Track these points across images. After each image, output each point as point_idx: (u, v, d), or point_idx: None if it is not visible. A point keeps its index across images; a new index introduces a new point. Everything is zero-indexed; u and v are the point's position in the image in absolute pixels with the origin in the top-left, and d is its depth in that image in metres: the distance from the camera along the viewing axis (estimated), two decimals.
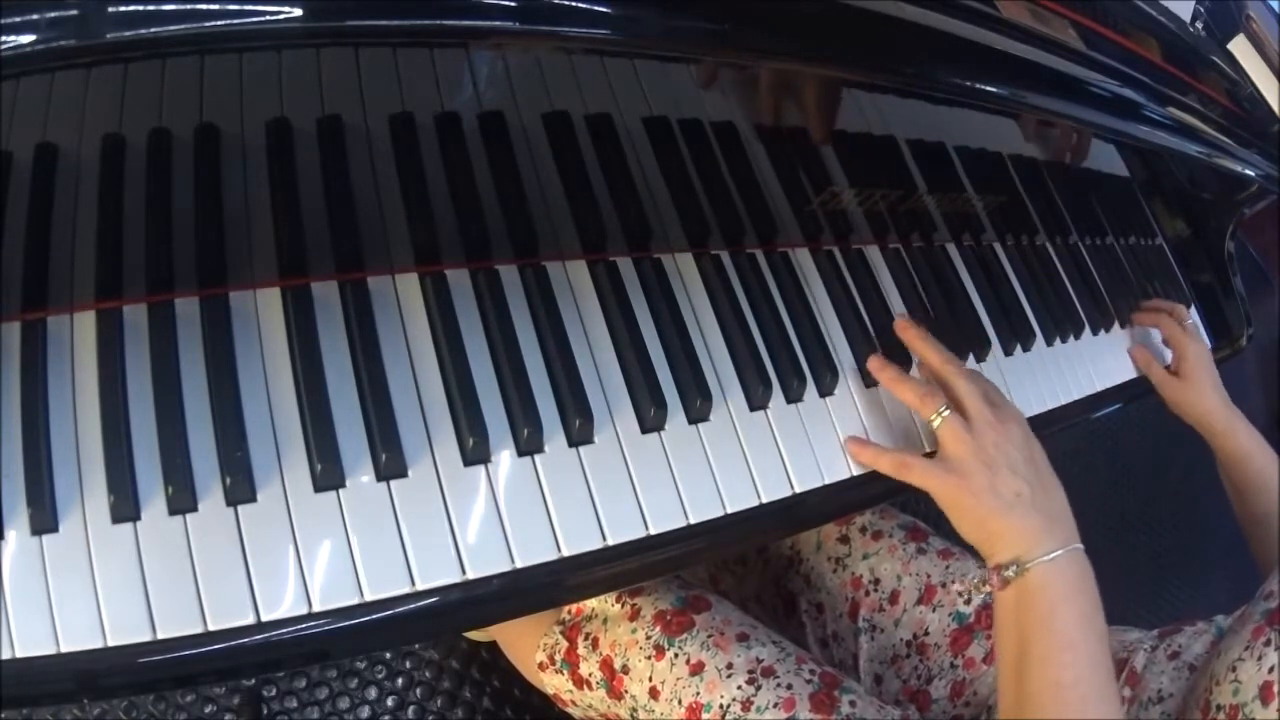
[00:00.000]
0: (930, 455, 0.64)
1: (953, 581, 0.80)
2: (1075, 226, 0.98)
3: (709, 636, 0.69)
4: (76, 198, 0.46)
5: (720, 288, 0.63)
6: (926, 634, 0.79)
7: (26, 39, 0.32)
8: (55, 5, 0.32)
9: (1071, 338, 0.89)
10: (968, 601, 0.79)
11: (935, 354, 0.65)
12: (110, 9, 0.33)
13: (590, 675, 0.72)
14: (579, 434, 0.54)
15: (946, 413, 0.61)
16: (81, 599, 0.42)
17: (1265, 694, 0.57)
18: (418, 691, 1.09)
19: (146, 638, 0.42)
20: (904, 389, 0.64)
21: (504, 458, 0.52)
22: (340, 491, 0.48)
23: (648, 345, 0.58)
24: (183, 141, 0.48)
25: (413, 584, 0.47)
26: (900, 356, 0.70)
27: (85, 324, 0.46)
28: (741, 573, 0.94)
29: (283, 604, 0.44)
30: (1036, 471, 0.59)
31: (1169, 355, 0.96)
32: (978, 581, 0.59)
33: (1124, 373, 0.94)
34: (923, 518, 0.88)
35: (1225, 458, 0.88)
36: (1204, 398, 0.89)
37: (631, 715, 0.71)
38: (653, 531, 0.54)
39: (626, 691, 0.70)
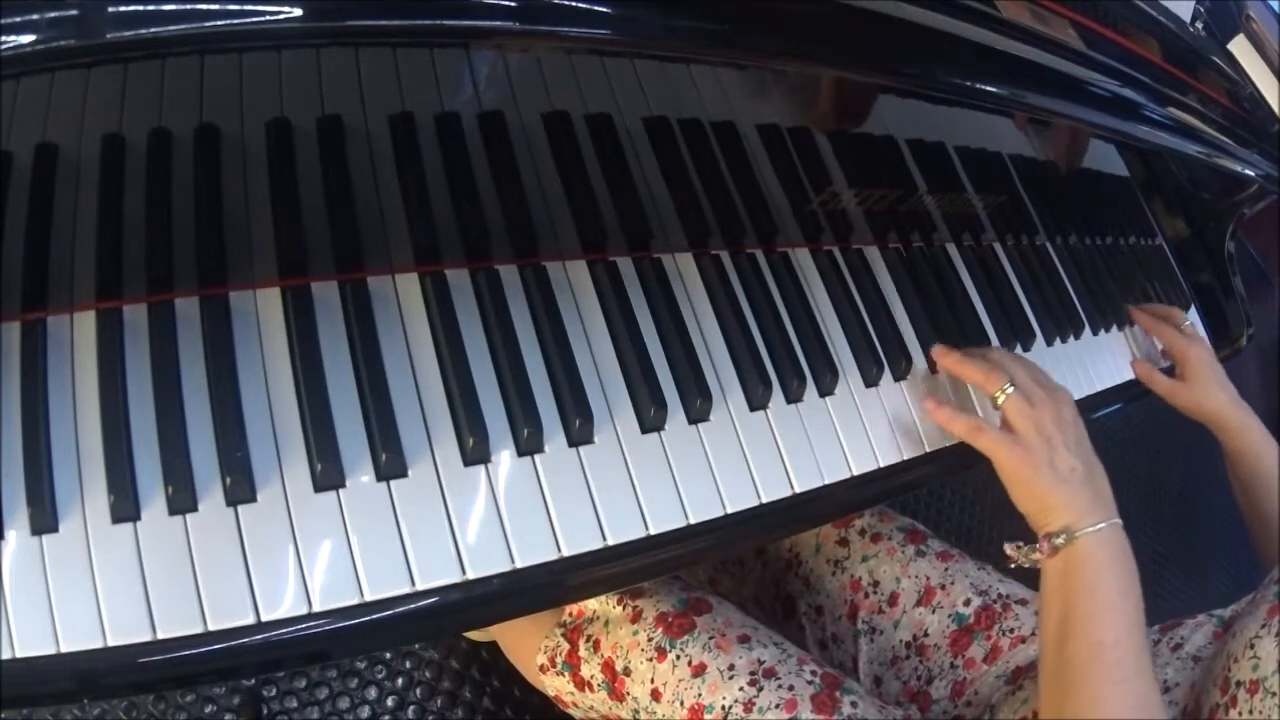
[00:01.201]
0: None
1: (951, 583, 0.80)
2: (1075, 226, 0.98)
3: (710, 638, 0.69)
4: (76, 198, 0.46)
5: (720, 288, 0.63)
6: (926, 635, 0.79)
7: (26, 39, 0.32)
8: (55, 5, 0.32)
9: (1071, 338, 0.89)
10: (967, 603, 0.79)
11: (978, 370, 0.67)
12: (110, 9, 0.33)
13: (592, 677, 0.72)
14: (579, 434, 0.54)
15: (1011, 390, 0.64)
16: (81, 599, 0.41)
17: None
18: (418, 691, 1.09)
19: (146, 638, 0.42)
20: (968, 369, 0.68)
21: (504, 458, 0.52)
22: (340, 491, 0.48)
23: (648, 345, 0.58)
24: (183, 141, 0.48)
25: (413, 584, 0.47)
26: (900, 356, 0.70)
27: (85, 324, 0.46)
28: (740, 575, 0.94)
29: (283, 604, 0.44)
30: (1085, 450, 0.63)
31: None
32: (1027, 550, 0.62)
33: (1124, 373, 0.94)
34: (921, 520, 0.88)
35: (1235, 455, 0.88)
36: (1212, 398, 0.89)
37: (634, 717, 0.71)
38: (653, 531, 0.54)
39: (628, 693, 0.70)
